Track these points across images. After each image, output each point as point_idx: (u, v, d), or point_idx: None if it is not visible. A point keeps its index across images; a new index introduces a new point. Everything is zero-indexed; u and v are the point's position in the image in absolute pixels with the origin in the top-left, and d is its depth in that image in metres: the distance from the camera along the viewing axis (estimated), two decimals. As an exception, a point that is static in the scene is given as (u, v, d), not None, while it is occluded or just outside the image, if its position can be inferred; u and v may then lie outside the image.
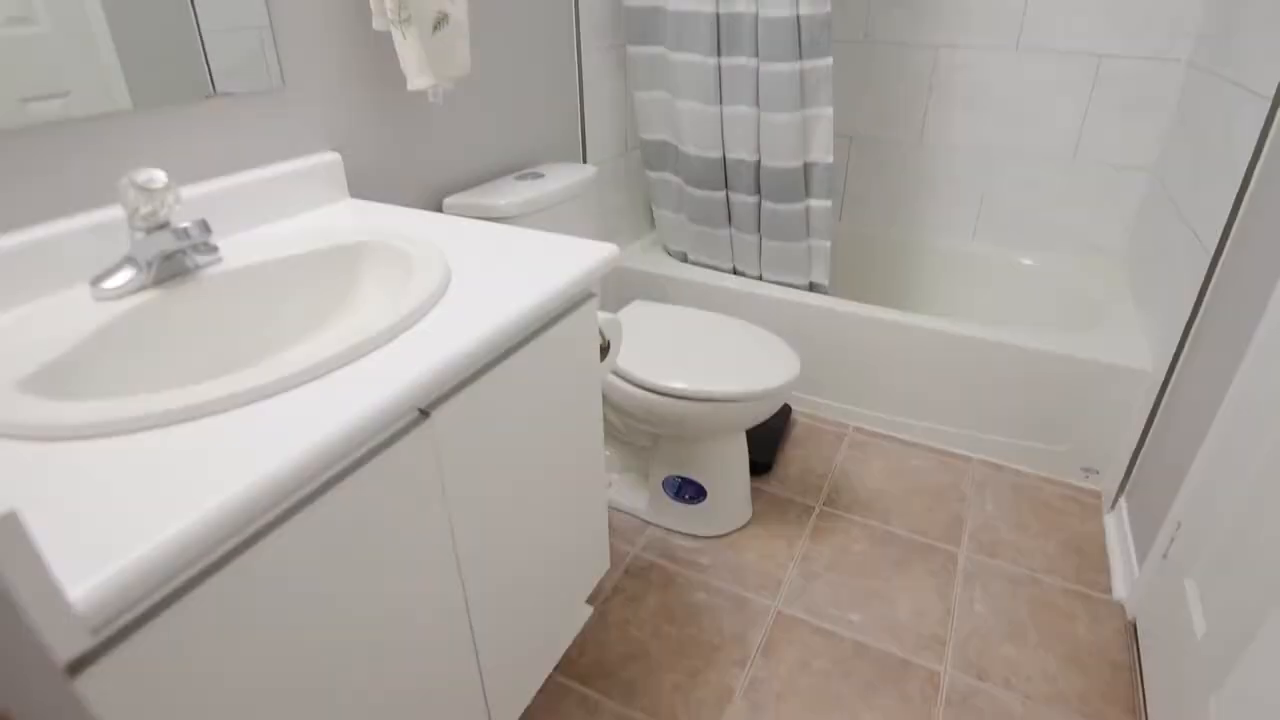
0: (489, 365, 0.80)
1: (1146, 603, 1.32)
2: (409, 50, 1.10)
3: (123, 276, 0.79)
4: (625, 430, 1.69)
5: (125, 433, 0.58)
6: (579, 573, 1.13)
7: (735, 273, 2.05)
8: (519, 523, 0.92)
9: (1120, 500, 1.60)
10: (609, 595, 1.45)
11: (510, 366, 0.83)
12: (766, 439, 1.83)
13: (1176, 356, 1.42)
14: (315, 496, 0.61)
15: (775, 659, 1.31)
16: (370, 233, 0.96)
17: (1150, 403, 1.51)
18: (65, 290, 0.83)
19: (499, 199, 1.38)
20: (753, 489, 1.73)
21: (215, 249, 0.88)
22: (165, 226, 0.79)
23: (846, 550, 1.56)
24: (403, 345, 0.72)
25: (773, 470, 1.80)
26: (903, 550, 1.55)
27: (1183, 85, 1.80)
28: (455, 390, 0.75)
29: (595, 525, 1.15)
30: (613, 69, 1.89)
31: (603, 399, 1.43)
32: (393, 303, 0.77)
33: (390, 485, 0.68)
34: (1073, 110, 1.96)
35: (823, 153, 1.78)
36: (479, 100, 1.47)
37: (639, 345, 1.49)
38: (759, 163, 1.84)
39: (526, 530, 0.94)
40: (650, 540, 1.59)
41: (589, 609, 1.26)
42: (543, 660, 1.08)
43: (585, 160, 1.87)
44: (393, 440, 0.68)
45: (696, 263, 2.10)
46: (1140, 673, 1.27)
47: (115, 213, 0.87)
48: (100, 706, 0.47)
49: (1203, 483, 1.17)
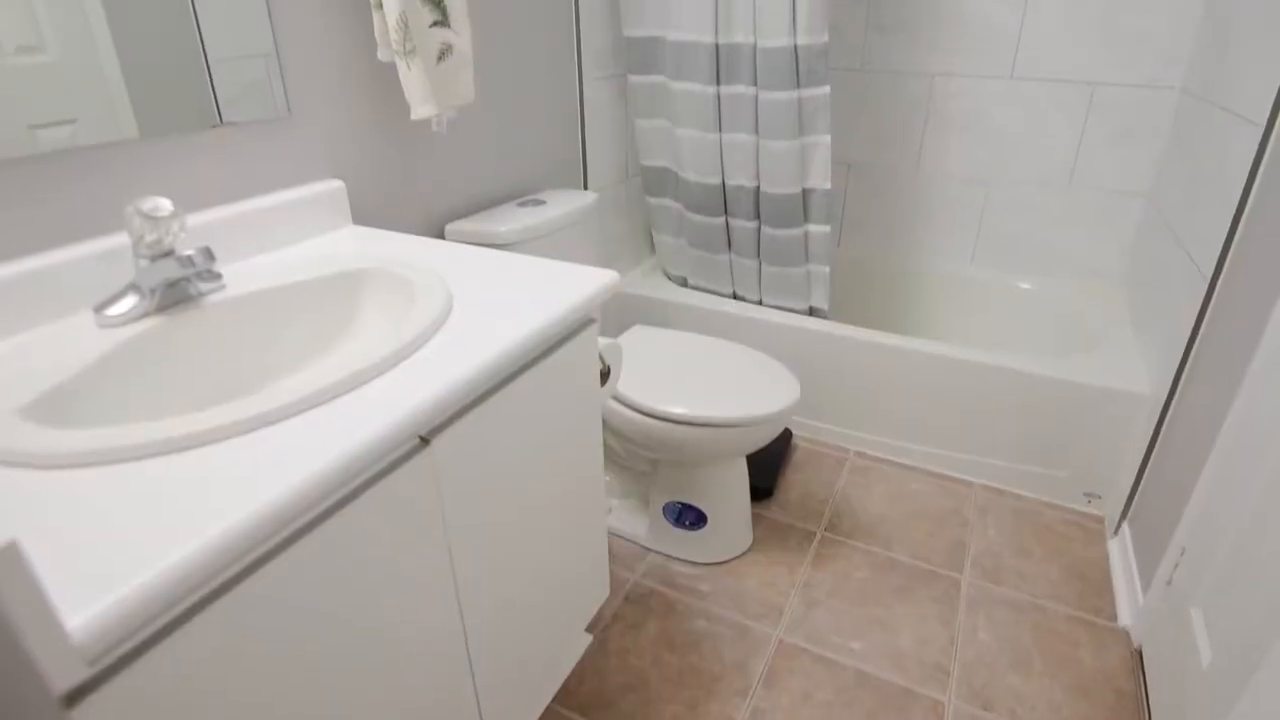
0: (489, 392, 0.80)
1: (1152, 630, 1.31)
2: (413, 80, 1.12)
3: (126, 303, 0.80)
4: (625, 455, 1.68)
5: (126, 460, 0.58)
6: (579, 600, 1.12)
7: (735, 297, 2.06)
8: (519, 550, 0.92)
9: (1123, 525, 1.59)
10: (608, 623, 1.44)
11: (511, 393, 0.83)
12: (767, 464, 1.82)
13: (1176, 380, 1.42)
14: (314, 525, 0.60)
15: (777, 689, 1.30)
16: (373, 260, 0.96)
17: (1151, 427, 1.51)
18: (69, 317, 0.83)
19: (500, 226, 1.39)
20: (753, 514, 1.72)
21: (219, 276, 0.88)
22: (170, 254, 0.80)
23: (848, 577, 1.54)
24: (404, 372, 0.72)
25: (774, 495, 1.79)
26: (905, 577, 1.54)
27: (1176, 111, 1.82)
28: (455, 417, 0.75)
29: (595, 552, 1.14)
30: (613, 97, 1.91)
31: (603, 424, 1.43)
32: (394, 330, 0.77)
33: (389, 513, 0.68)
34: (1068, 137, 1.98)
35: (821, 179, 1.80)
36: (481, 128, 1.49)
37: (639, 370, 1.49)
38: (758, 188, 1.86)
39: (526, 557, 0.94)
40: (650, 567, 1.58)
41: (588, 637, 1.25)
42: (542, 690, 1.07)
43: (586, 187, 1.89)
44: (393, 468, 0.68)
45: (696, 287, 2.11)
46: (1147, 702, 1.26)
47: (120, 240, 0.88)
48: (95, 739, 0.47)
49: (1205, 508, 1.16)
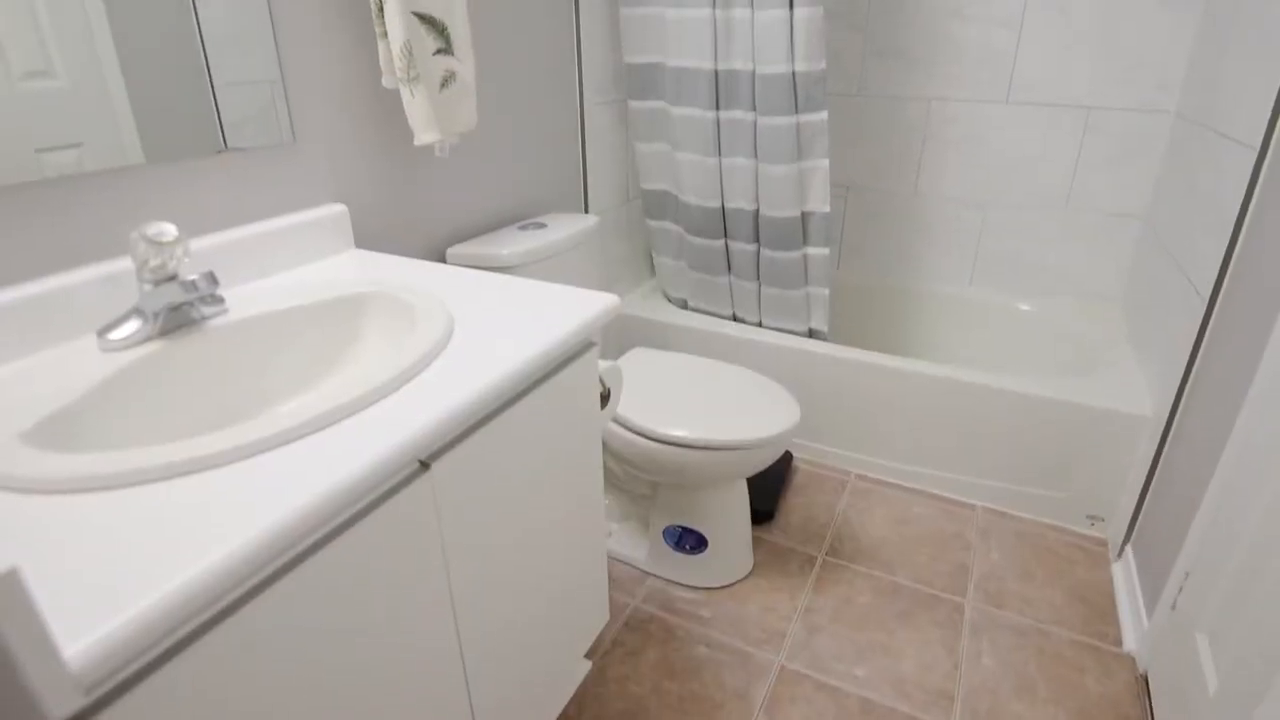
0: (490, 416, 0.80)
1: (1157, 656, 1.29)
2: (417, 107, 1.13)
3: (129, 327, 0.80)
4: (625, 478, 1.68)
5: (127, 486, 0.58)
6: (578, 625, 1.11)
7: (735, 319, 2.06)
8: (518, 576, 0.91)
9: (1126, 548, 1.58)
10: (608, 649, 1.42)
11: (511, 417, 0.83)
12: (768, 486, 1.82)
13: (1176, 402, 1.42)
14: (313, 551, 0.60)
15: (779, 718, 1.28)
16: (374, 284, 0.97)
17: (1152, 449, 1.50)
18: (72, 340, 0.84)
19: (502, 249, 1.40)
20: (754, 538, 1.71)
21: (221, 300, 0.89)
22: (173, 279, 0.81)
23: (850, 602, 1.53)
24: (405, 397, 0.72)
25: (774, 518, 1.78)
26: (908, 601, 1.53)
27: (1171, 135, 1.84)
28: (455, 441, 0.75)
29: (595, 577, 1.14)
30: (614, 122, 1.94)
31: (602, 447, 1.43)
32: (396, 354, 0.77)
33: (388, 538, 0.68)
34: (1064, 159, 2.00)
35: (820, 202, 1.81)
36: (483, 153, 1.51)
37: (639, 393, 1.49)
38: (757, 212, 1.87)
39: (526, 583, 0.93)
40: (650, 591, 1.56)
41: (587, 664, 1.24)
42: (540, 717, 1.05)
43: (587, 210, 1.90)
44: (392, 493, 0.68)
45: (696, 309, 2.11)
46: (1154, 729, 1.24)
47: (124, 264, 0.88)
48: (90, 769, 0.46)
49: (1208, 531, 1.16)
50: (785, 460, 1.95)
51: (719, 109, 1.79)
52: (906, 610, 1.51)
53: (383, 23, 1.09)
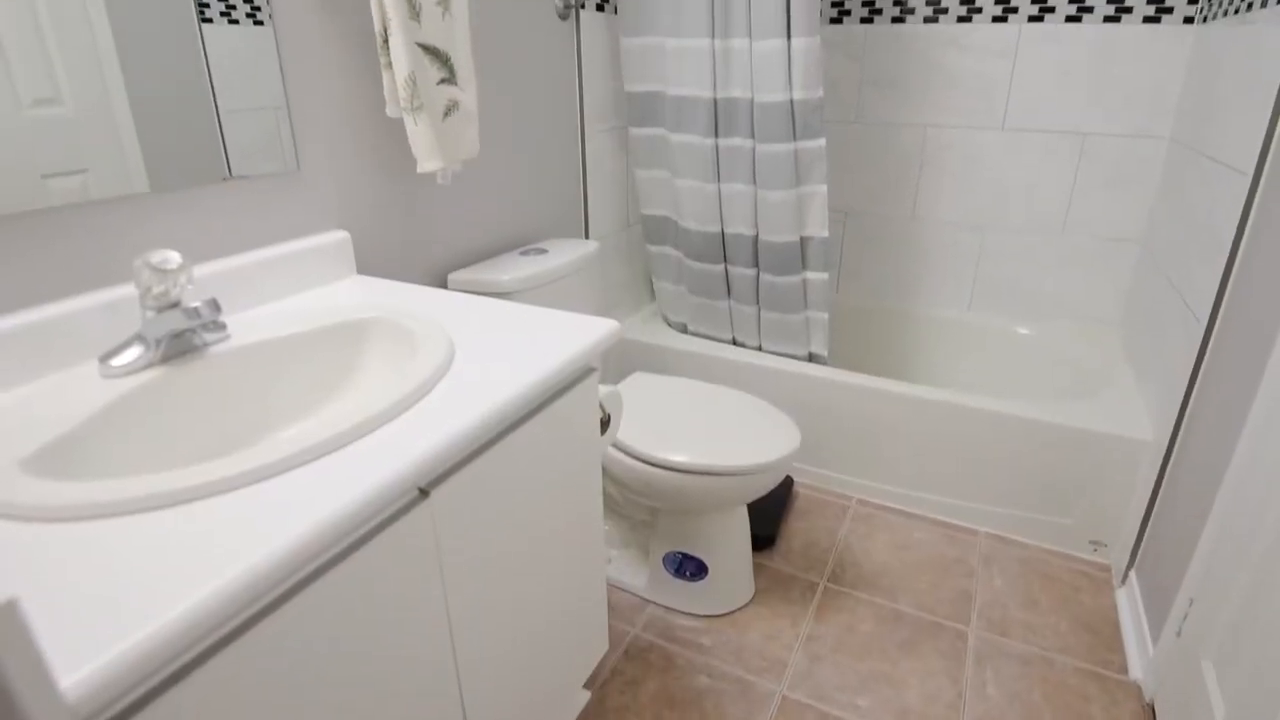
0: (489, 443, 0.80)
1: (1164, 684, 1.28)
2: (420, 136, 1.15)
3: (131, 354, 0.80)
4: (625, 504, 1.67)
5: (127, 514, 0.58)
6: (577, 655, 1.10)
7: (735, 343, 2.07)
8: (517, 605, 0.90)
9: (1130, 575, 1.57)
10: (607, 678, 1.40)
11: (510, 443, 0.83)
12: (768, 512, 1.81)
13: (1177, 426, 1.42)
14: (312, 579, 0.60)
15: (782, 746, 1.26)
16: (376, 310, 0.97)
17: (1154, 473, 1.50)
18: (74, 367, 0.84)
19: (503, 274, 1.41)
20: (755, 564, 1.69)
21: (223, 326, 0.89)
22: (176, 306, 0.81)
23: (853, 630, 1.52)
24: (405, 423, 0.72)
25: (775, 544, 1.77)
26: (911, 629, 1.52)
27: (1165, 160, 1.86)
28: (455, 469, 0.75)
29: (594, 605, 1.13)
30: (615, 149, 1.96)
31: (602, 472, 1.42)
32: (397, 380, 0.78)
33: (386, 568, 0.68)
34: (1060, 184, 2.02)
35: (818, 227, 1.82)
36: (485, 179, 1.52)
37: (639, 417, 1.49)
38: (757, 237, 1.89)
39: (524, 613, 0.92)
40: (650, 619, 1.55)
41: (586, 694, 1.22)
42: (540, 748, 1.04)
43: (587, 235, 1.92)
44: (391, 521, 0.67)
45: (696, 333, 2.12)
46: (1162, 761, 1.22)
47: (127, 290, 0.89)
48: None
49: (1212, 558, 1.15)
50: (786, 485, 1.95)
51: (718, 136, 1.82)
52: (909, 639, 1.49)
53: (387, 54, 1.11)
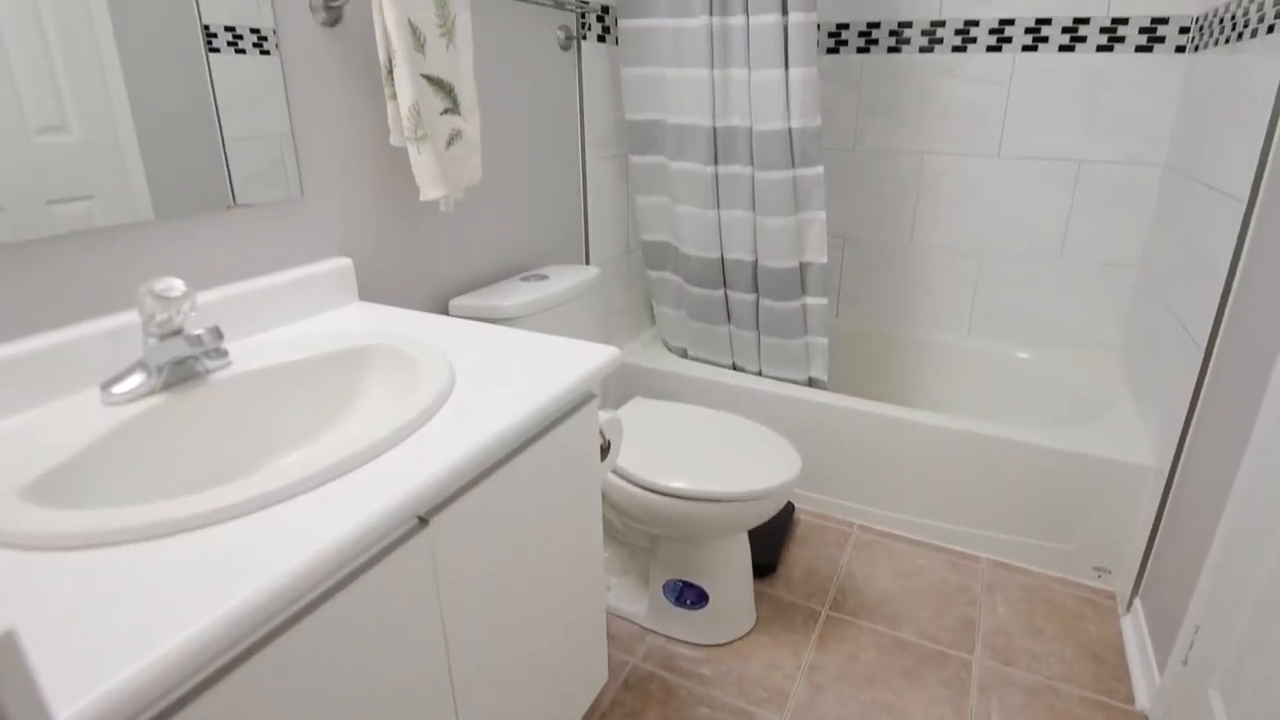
0: (489, 471, 0.80)
1: (1171, 714, 1.26)
2: (423, 164, 1.16)
3: (133, 381, 0.80)
4: (625, 531, 1.66)
5: (126, 543, 0.57)
6: (576, 685, 1.09)
7: (735, 368, 2.07)
8: (515, 635, 0.90)
9: (1135, 601, 1.55)
10: (606, 709, 1.38)
11: (510, 471, 0.83)
12: (769, 538, 1.80)
13: (1179, 452, 1.42)
14: (309, 610, 0.59)
15: (785, 778, 1.24)
16: (377, 336, 0.98)
17: (1157, 499, 1.49)
18: (76, 394, 0.84)
19: (504, 300, 1.41)
20: (756, 591, 1.68)
21: (225, 353, 0.89)
22: (179, 333, 0.81)
23: (855, 659, 1.50)
24: (406, 451, 0.72)
25: (776, 571, 1.76)
26: (914, 658, 1.50)
27: (1161, 186, 1.88)
28: (454, 496, 0.75)
29: (593, 634, 1.11)
30: (615, 176, 1.98)
31: (602, 499, 1.42)
32: (398, 407, 0.78)
33: (384, 597, 0.67)
34: (1057, 210, 2.04)
35: (817, 253, 1.84)
36: (487, 206, 1.54)
37: (639, 443, 1.49)
38: (756, 262, 1.90)
39: (522, 643, 0.91)
40: (650, 649, 1.53)
41: (588, 723, 1.20)
42: (539, 781, 1.02)
43: (588, 261, 1.93)
44: (390, 550, 0.67)
45: (696, 358, 2.12)
46: (1172, 793, 1.20)
47: (129, 318, 0.89)
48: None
49: (1217, 584, 1.14)
50: (787, 511, 1.94)
51: (717, 164, 1.84)
52: (913, 668, 1.47)
53: (392, 84, 1.12)
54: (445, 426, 0.77)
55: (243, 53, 1.00)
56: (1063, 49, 1.90)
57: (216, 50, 0.96)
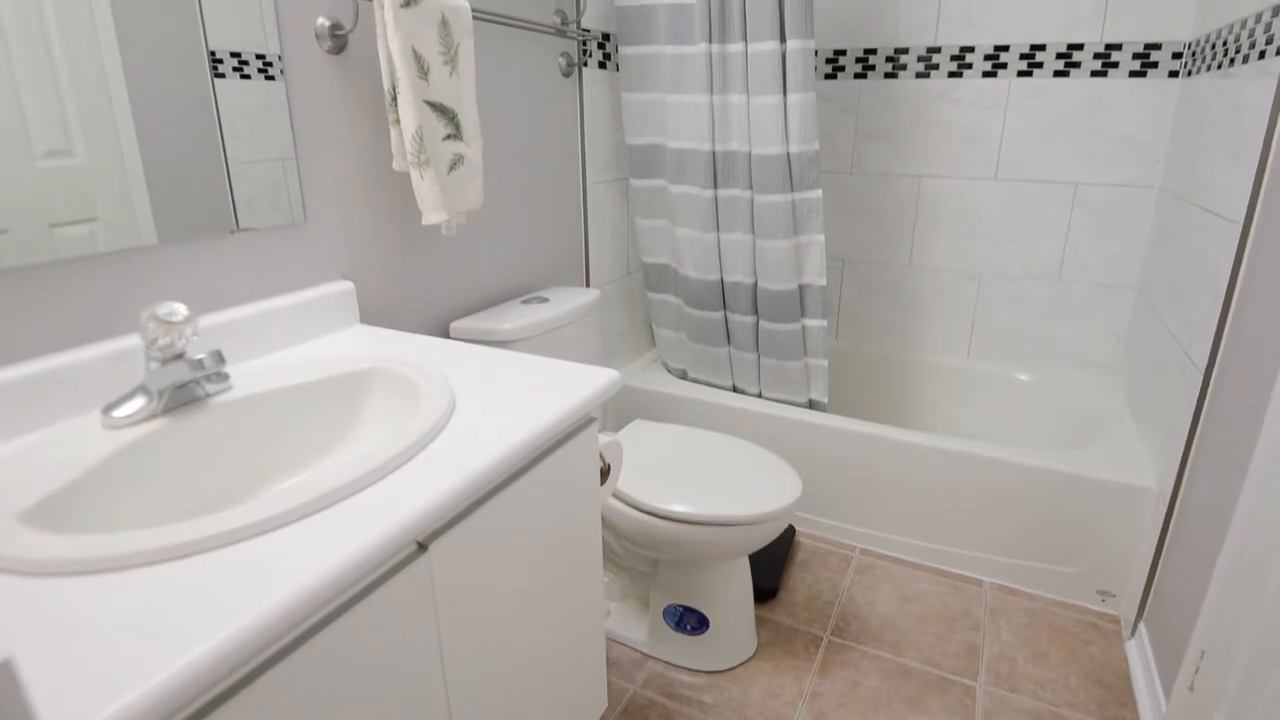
0: (488, 495, 0.80)
1: (1179, 742, 1.24)
2: (425, 189, 1.17)
3: (134, 405, 0.80)
4: (625, 555, 1.65)
5: (123, 569, 0.57)
6: (575, 714, 1.07)
7: (735, 390, 2.07)
8: (513, 662, 0.89)
9: (1140, 626, 1.54)
10: (608, 734, 1.37)
11: (510, 495, 0.82)
12: (770, 562, 1.78)
13: (1180, 473, 1.41)
14: (308, 637, 0.59)
15: (787, 808, 1.22)
16: (378, 360, 0.98)
17: (1159, 521, 1.48)
18: (77, 417, 0.84)
19: (504, 323, 1.42)
20: (757, 617, 1.66)
21: (226, 377, 0.89)
22: (181, 357, 0.82)
23: (858, 685, 1.48)
24: (406, 475, 0.72)
25: (778, 596, 1.74)
26: (917, 685, 1.48)
27: (1156, 209, 1.90)
28: (454, 522, 0.75)
29: (593, 660, 1.10)
30: (616, 199, 1.99)
31: (601, 522, 1.41)
32: (398, 431, 0.78)
33: (383, 624, 0.67)
34: (1054, 232, 2.05)
35: (816, 275, 1.85)
36: (488, 230, 1.55)
37: (639, 466, 1.48)
38: (755, 284, 1.91)
39: (520, 670, 0.91)
40: (650, 675, 1.51)
41: (587, 751, 1.18)
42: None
43: (588, 284, 1.94)
44: (389, 575, 0.67)
45: (696, 380, 2.12)
46: (1181, 824, 1.18)
47: (131, 341, 0.89)
48: None
49: (1222, 607, 1.13)
50: (788, 535, 1.92)
51: (717, 187, 1.85)
52: (916, 694, 1.45)
53: (396, 110, 1.14)
54: (445, 451, 0.77)
55: (247, 78, 1.01)
56: (1057, 74, 1.93)
57: (222, 75, 0.98)
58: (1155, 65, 1.83)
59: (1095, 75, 1.89)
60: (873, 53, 2.14)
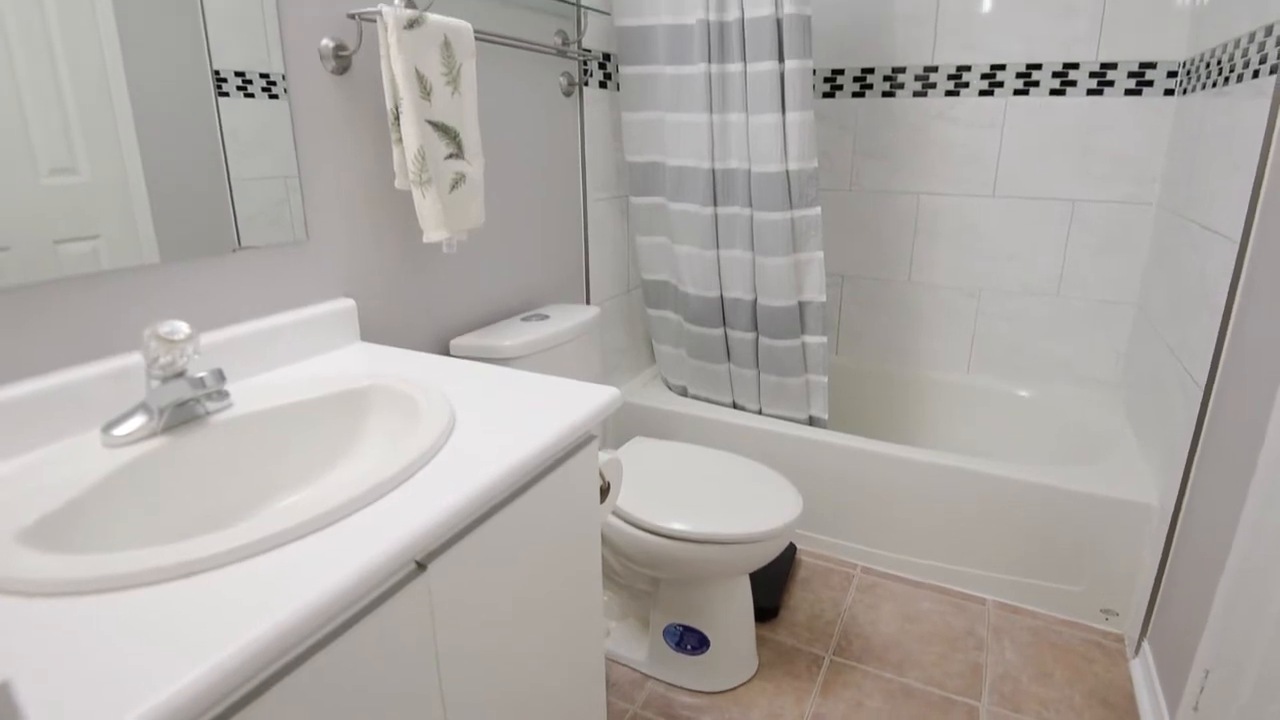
0: (488, 514, 0.79)
1: (1186, 764, 1.23)
2: (427, 207, 1.18)
3: (134, 423, 0.80)
4: (624, 574, 1.64)
5: (120, 589, 0.57)
6: (577, 732, 1.06)
7: (735, 407, 2.07)
8: (512, 683, 0.88)
9: (1144, 644, 1.53)
10: (609, 755, 1.35)
11: (509, 514, 0.82)
12: (771, 581, 1.77)
13: (1182, 491, 1.41)
14: (307, 657, 0.58)
15: (790, 831, 1.21)
16: (378, 377, 0.98)
17: (1162, 539, 1.48)
18: (77, 435, 0.84)
19: (504, 340, 1.42)
20: (758, 636, 1.65)
21: (227, 395, 0.90)
22: (182, 375, 0.82)
23: (860, 706, 1.47)
24: (405, 494, 0.72)
25: (779, 615, 1.73)
26: (920, 706, 1.47)
27: (1154, 226, 1.90)
28: (453, 541, 0.74)
29: (592, 681, 1.09)
30: (616, 216, 2.01)
31: (601, 541, 1.40)
32: (397, 449, 0.78)
33: (382, 644, 0.66)
34: (1053, 249, 2.06)
35: (815, 292, 1.85)
36: (489, 247, 1.55)
37: (639, 484, 1.48)
38: (755, 301, 1.91)
39: (520, 690, 0.90)
40: (650, 696, 1.50)
41: (587, 773, 1.17)
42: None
43: (589, 301, 1.94)
44: (387, 596, 0.66)
45: (696, 397, 2.12)
46: (1189, 847, 1.16)
47: (132, 359, 0.90)
48: None
49: (1226, 626, 1.12)
50: (789, 553, 1.91)
51: (716, 205, 1.86)
52: (919, 715, 1.44)
53: (398, 130, 1.15)
54: (445, 469, 0.77)
55: (251, 97, 1.02)
56: (1054, 93, 1.95)
57: (226, 94, 0.99)
58: (1150, 84, 1.85)
59: (1091, 94, 1.91)
60: (870, 72, 2.16)
